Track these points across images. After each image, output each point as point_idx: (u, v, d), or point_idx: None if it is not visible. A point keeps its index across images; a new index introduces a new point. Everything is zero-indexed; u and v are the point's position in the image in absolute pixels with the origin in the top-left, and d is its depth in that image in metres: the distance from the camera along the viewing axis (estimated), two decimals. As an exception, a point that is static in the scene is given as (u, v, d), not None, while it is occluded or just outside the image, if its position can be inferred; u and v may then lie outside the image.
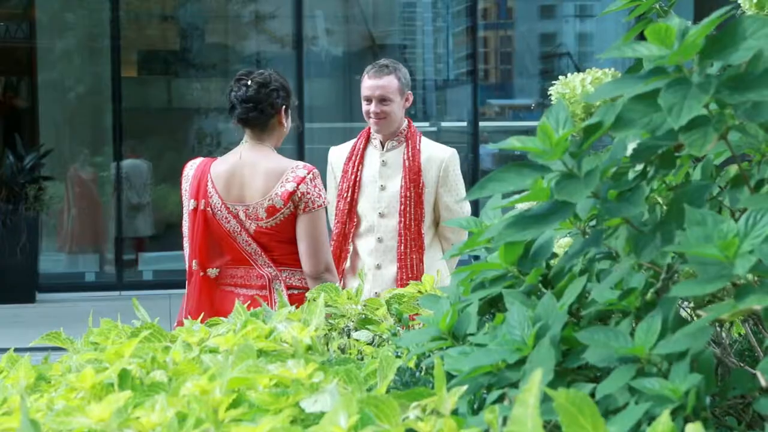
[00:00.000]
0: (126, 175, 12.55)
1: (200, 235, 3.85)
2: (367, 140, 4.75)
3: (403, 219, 4.60)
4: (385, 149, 4.69)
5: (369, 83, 4.62)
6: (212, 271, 3.88)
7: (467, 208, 4.75)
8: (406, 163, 4.64)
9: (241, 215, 3.82)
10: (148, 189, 12.72)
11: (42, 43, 13.07)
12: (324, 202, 3.83)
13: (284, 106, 3.89)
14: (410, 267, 4.58)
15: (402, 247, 4.60)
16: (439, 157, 4.68)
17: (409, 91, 4.69)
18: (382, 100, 4.58)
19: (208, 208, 3.84)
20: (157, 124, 13.49)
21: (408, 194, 4.61)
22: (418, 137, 4.70)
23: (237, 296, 3.76)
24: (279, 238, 3.83)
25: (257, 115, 3.83)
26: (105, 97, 12.54)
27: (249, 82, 3.84)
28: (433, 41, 14.59)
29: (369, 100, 4.61)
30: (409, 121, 4.74)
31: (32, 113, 13.32)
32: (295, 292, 3.81)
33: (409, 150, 4.65)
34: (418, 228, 4.61)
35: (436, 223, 4.75)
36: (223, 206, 3.83)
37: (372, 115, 4.61)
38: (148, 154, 13.05)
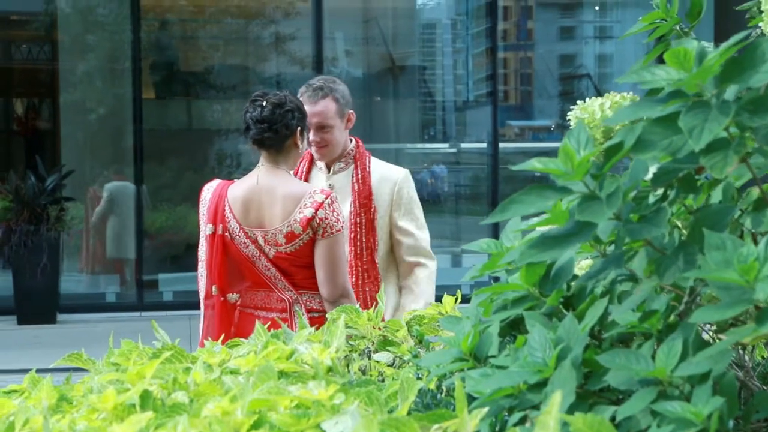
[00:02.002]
0: (113, 198, 12.59)
1: (219, 260, 3.84)
2: (311, 162, 4.34)
3: (354, 248, 4.17)
4: (331, 172, 4.29)
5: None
6: (232, 297, 3.87)
7: (425, 234, 4.34)
8: (355, 187, 4.23)
9: (260, 240, 3.80)
10: (140, 212, 12.71)
11: (64, 64, 13.16)
12: (342, 226, 3.78)
13: (299, 128, 3.84)
14: (364, 301, 4.10)
15: (354, 279, 4.13)
16: (392, 178, 4.29)
17: (351, 110, 4.26)
18: (321, 127, 4.18)
19: (226, 233, 3.83)
20: (178, 145, 13.55)
21: (358, 221, 4.21)
22: (367, 158, 4.30)
23: (257, 318, 3.76)
24: (298, 263, 3.81)
25: (272, 135, 3.78)
26: (126, 119, 12.61)
27: (264, 103, 3.80)
28: (452, 62, 14.61)
29: None
30: (357, 141, 4.35)
31: (54, 134, 13.42)
32: (316, 315, 3.79)
33: (358, 172, 4.26)
34: (371, 257, 4.20)
35: (391, 251, 4.34)
36: (241, 231, 3.81)
37: (312, 143, 4.20)
38: (169, 175, 13.10)
